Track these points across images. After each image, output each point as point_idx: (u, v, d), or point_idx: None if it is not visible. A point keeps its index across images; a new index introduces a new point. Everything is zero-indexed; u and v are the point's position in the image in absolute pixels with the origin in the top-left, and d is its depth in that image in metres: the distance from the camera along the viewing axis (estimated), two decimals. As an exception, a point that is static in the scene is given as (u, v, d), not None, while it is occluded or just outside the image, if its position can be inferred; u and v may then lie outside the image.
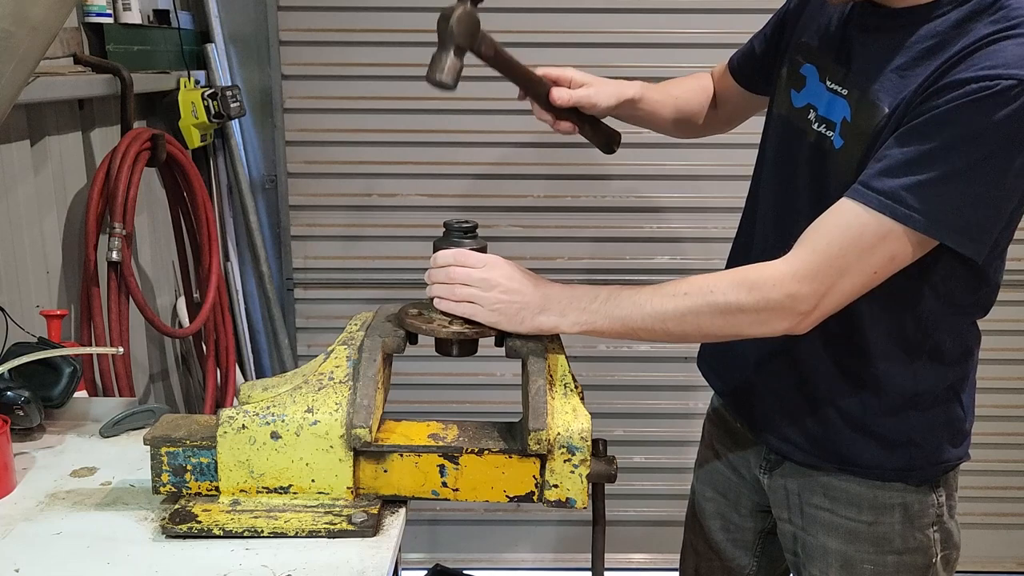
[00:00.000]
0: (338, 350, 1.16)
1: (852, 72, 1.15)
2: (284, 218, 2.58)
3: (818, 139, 1.19)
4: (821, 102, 1.20)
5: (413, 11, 2.41)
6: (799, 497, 1.32)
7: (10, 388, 1.26)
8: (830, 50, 1.21)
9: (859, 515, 1.26)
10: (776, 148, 1.31)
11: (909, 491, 1.24)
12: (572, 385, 1.15)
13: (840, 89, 1.17)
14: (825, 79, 1.20)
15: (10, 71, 1.22)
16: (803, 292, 1.06)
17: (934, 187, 1.01)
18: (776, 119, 1.32)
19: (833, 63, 1.19)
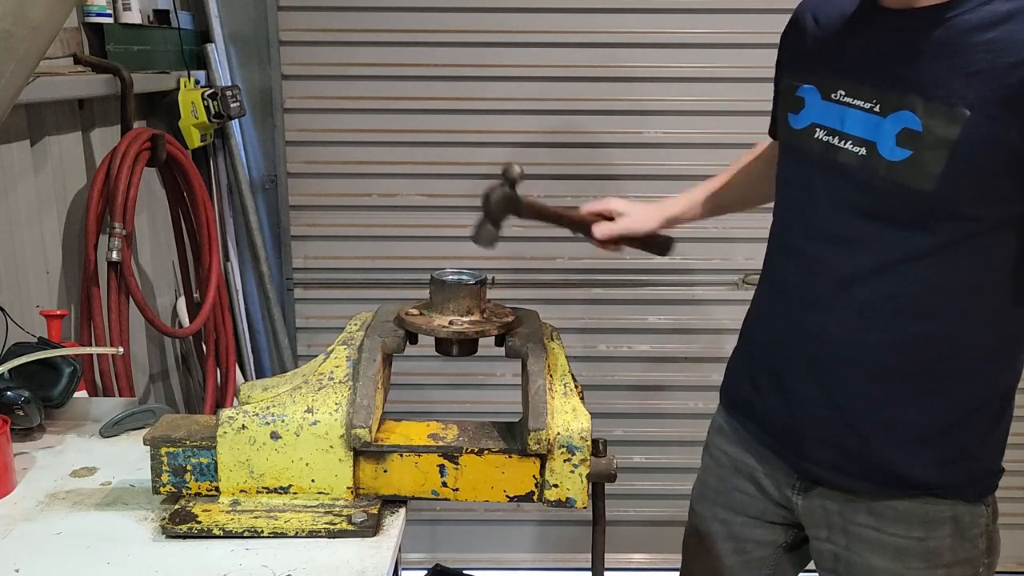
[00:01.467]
0: (338, 350, 1.16)
1: (882, 83, 1.10)
2: (284, 218, 2.58)
3: (853, 159, 1.13)
4: (832, 119, 1.16)
5: (413, 11, 2.41)
6: (841, 516, 1.25)
7: (10, 388, 1.26)
8: (831, 65, 1.17)
9: (909, 532, 1.21)
10: (788, 178, 1.27)
11: (960, 503, 1.20)
12: (572, 385, 1.15)
13: (862, 103, 1.11)
14: (830, 95, 1.16)
15: (10, 71, 1.22)
16: None
17: None
18: (783, 149, 1.28)
19: (841, 77, 1.15)
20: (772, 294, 1.32)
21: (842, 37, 1.18)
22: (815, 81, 1.19)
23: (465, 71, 2.46)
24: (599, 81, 2.46)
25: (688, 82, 2.45)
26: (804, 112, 1.20)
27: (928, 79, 1.05)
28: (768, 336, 1.31)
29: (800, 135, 1.21)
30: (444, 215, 2.57)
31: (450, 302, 1.18)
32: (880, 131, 1.09)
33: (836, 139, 1.15)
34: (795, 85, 1.23)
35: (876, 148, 1.10)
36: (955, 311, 1.12)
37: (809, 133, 1.19)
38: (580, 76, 2.46)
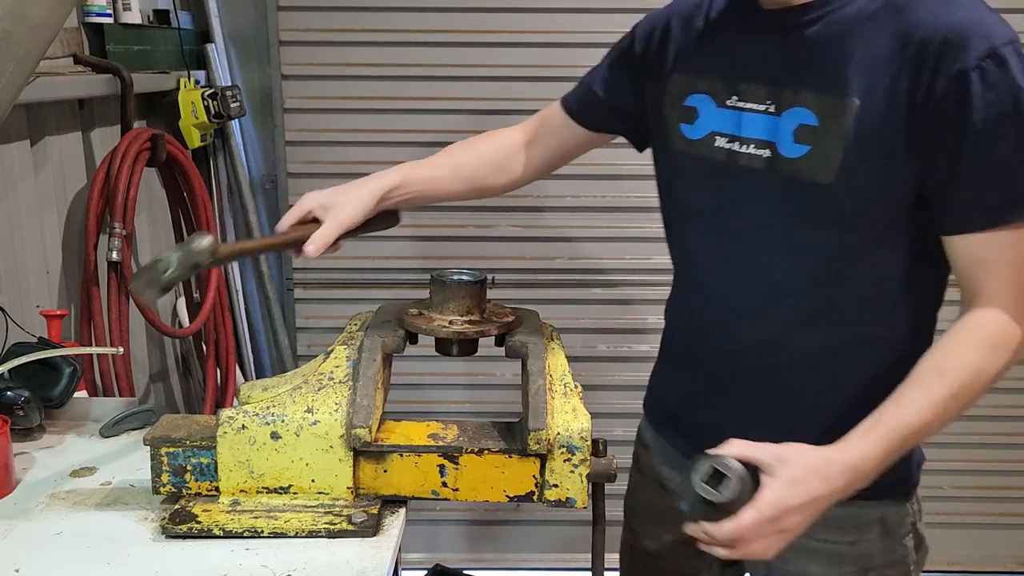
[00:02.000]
0: (338, 350, 1.16)
1: (780, 82, 1.09)
2: (284, 218, 2.58)
3: (759, 162, 1.12)
4: (730, 125, 1.14)
5: (413, 11, 2.41)
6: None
7: (10, 388, 1.26)
8: (723, 71, 1.15)
9: (841, 537, 1.20)
10: (690, 188, 1.24)
11: (886, 504, 1.19)
12: (572, 385, 1.15)
13: (756, 106, 1.11)
14: (725, 101, 1.15)
15: (10, 71, 1.22)
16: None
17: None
18: (676, 161, 1.24)
19: (733, 82, 1.13)
20: (692, 306, 1.30)
21: (727, 42, 1.16)
22: (706, 89, 1.17)
23: (465, 71, 2.46)
24: (599, 81, 2.46)
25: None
26: (699, 122, 1.19)
27: (817, 73, 1.06)
28: (694, 347, 1.29)
29: (699, 145, 1.19)
30: (444, 215, 2.56)
31: (450, 302, 1.18)
32: (778, 130, 1.09)
33: (737, 144, 1.14)
34: (683, 95, 1.20)
35: (776, 148, 1.10)
36: (880, 308, 1.13)
37: (709, 142, 1.17)
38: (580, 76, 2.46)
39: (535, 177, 1.46)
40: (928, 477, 1.22)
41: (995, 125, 0.97)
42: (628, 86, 1.31)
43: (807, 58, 1.07)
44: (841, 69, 1.04)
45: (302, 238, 1.21)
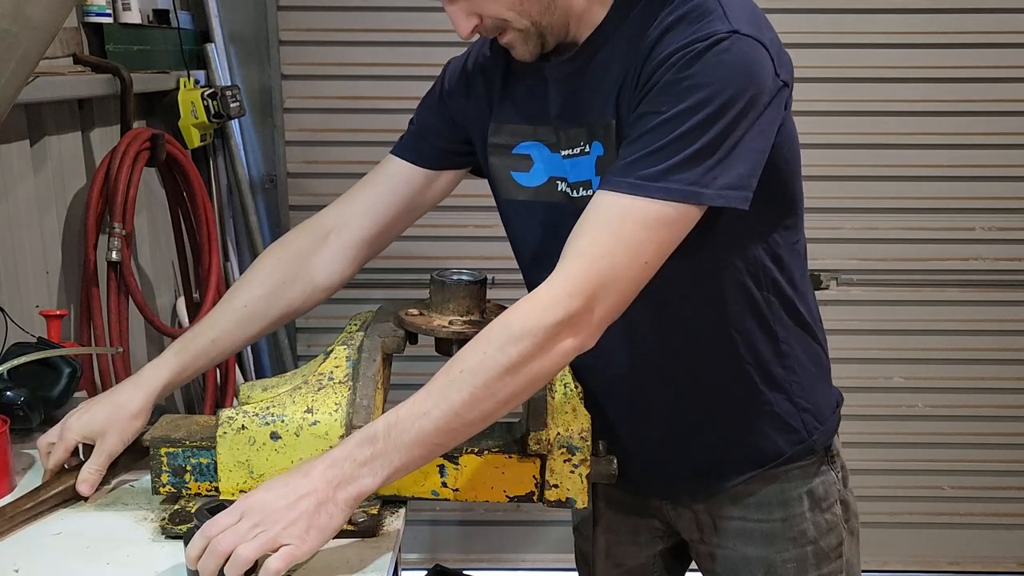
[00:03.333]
0: (338, 350, 1.16)
1: (583, 121, 1.11)
2: (284, 218, 2.58)
3: (581, 203, 1.08)
4: (566, 171, 1.14)
5: (413, 11, 2.41)
6: (708, 514, 1.27)
7: (10, 388, 1.26)
8: (546, 118, 1.15)
9: (770, 515, 1.23)
10: (529, 235, 1.24)
11: (809, 476, 1.23)
12: (572, 385, 1.15)
13: (576, 151, 1.12)
14: (559, 150, 1.14)
15: (10, 71, 1.22)
16: (577, 308, 0.96)
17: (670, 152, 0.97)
18: (514, 207, 1.24)
19: (557, 129, 1.14)
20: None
21: (538, 92, 1.15)
22: (538, 138, 1.17)
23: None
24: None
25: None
26: (536, 168, 1.18)
27: (596, 105, 1.08)
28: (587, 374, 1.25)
29: (540, 191, 1.19)
30: (444, 215, 2.56)
31: (450, 302, 1.18)
32: (590, 168, 1.11)
33: (573, 190, 1.15)
34: (510, 144, 1.19)
35: (592, 186, 1.11)
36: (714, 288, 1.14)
37: (551, 187, 1.18)
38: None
39: (356, 264, 1.35)
40: (928, 477, 1.23)
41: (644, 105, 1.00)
42: (449, 126, 1.28)
43: (589, 94, 1.10)
44: (603, 97, 1.07)
45: (68, 489, 1.11)
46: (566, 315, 0.95)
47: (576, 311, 0.96)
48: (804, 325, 1.21)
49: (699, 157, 0.96)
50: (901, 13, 2.44)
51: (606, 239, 0.97)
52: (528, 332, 0.95)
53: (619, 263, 0.97)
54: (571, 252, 0.99)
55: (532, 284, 1.23)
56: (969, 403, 2.70)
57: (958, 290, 2.62)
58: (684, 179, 0.96)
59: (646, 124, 0.99)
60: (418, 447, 0.96)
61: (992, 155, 2.53)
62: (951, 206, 2.54)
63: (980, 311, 2.65)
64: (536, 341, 0.95)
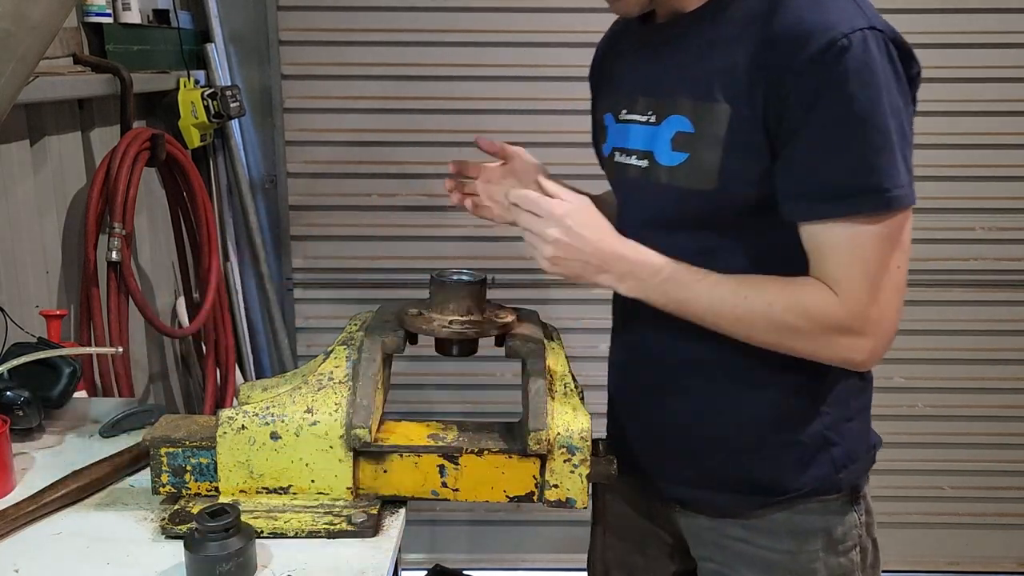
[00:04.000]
0: (338, 350, 1.16)
1: (661, 93, 1.11)
2: (284, 218, 2.58)
3: (637, 172, 1.16)
4: (621, 139, 1.19)
5: (413, 11, 2.41)
6: (715, 532, 1.23)
7: (10, 388, 1.26)
8: (618, 87, 1.20)
9: (778, 544, 1.18)
10: (619, 206, 1.26)
11: (828, 513, 1.18)
12: (572, 385, 1.15)
13: (639, 117, 1.15)
14: (619, 116, 1.18)
15: (10, 71, 1.22)
16: (855, 325, 1.02)
17: (873, 162, 0.98)
18: (607, 177, 1.30)
19: (629, 97, 1.17)
20: (616, 320, 1.35)
21: (624, 59, 1.21)
22: (610, 107, 1.22)
23: (465, 71, 2.46)
24: (599, 81, 2.46)
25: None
26: (608, 139, 1.24)
27: (694, 80, 1.08)
28: (616, 364, 1.33)
29: (607, 162, 1.24)
30: (444, 215, 2.56)
31: (450, 302, 1.17)
32: (656, 139, 1.12)
33: (624, 156, 1.18)
34: (600, 115, 1.26)
35: (654, 156, 1.12)
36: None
37: (612, 158, 1.22)
38: (580, 76, 2.45)
39: None
40: (928, 477, 1.22)
41: (818, 116, 0.98)
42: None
43: (686, 65, 1.09)
44: (714, 76, 1.05)
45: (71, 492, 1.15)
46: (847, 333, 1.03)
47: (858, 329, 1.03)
48: None
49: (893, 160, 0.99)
50: (901, 13, 2.44)
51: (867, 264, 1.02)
52: (812, 318, 1.03)
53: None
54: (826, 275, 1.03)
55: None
56: (969, 403, 2.70)
57: (958, 290, 2.62)
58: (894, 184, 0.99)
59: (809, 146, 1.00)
60: (674, 304, 1.08)
61: (992, 155, 2.53)
62: (951, 206, 2.54)
63: (980, 311, 2.65)
64: (815, 330, 1.04)
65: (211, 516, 0.96)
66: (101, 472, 1.18)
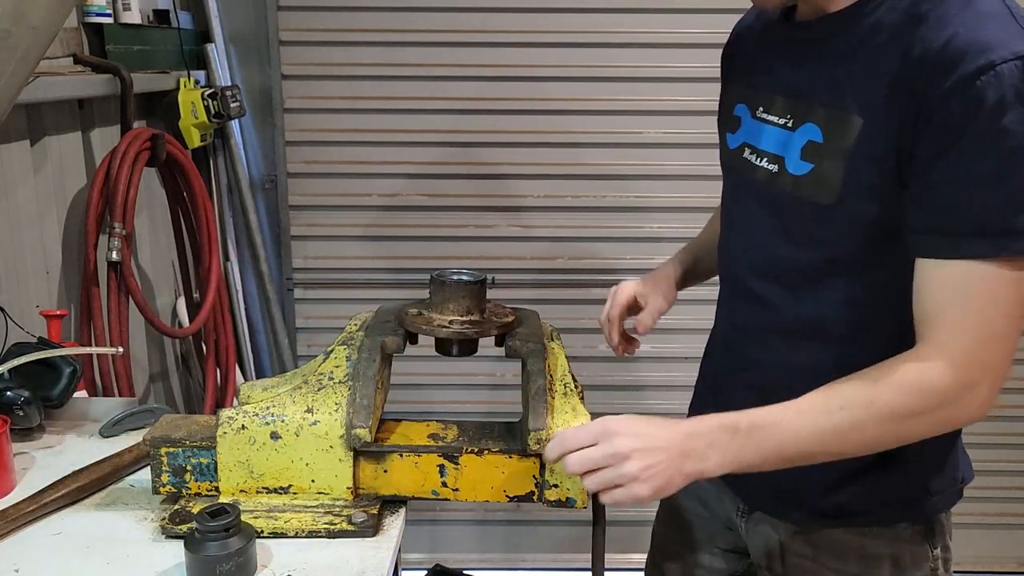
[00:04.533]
0: (338, 350, 1.16)
1: (797, 96, 1.06)
2: (284, 218, 2.58)
3: (763, 175, 1.11)
4: (754, 137, 1.13)
5: (413, 11, 2.41)
6: (780, 544, 1.20)
7: (10, 388, 1.26)
8: (765, 82, 1.13)
9: (844, 566, 1.15)
10: (727, 195, 1.24)
11: (900, 541, 1.14)
12: (572, 385, 1.15)
13: (777, 119, 1.09)
14: (755, 112, 1.13)
15: (10, 71, 1.22)
16: (970, 380, 0.93)
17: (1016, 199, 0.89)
18: (723, 167, 1.25)
19: (768, 94, 1.12)
20: (718, 316, 1.31)
21: (763, 53, 1.16)
22: (746, 99, 1.17)
23: (465, 71, 2.46)
24: (599, 81, 2.46)
25: (688, 82, 2.45)
26: (739, 131, 1.18)
27: (828, 88, 1.02)
28: (714, 363, 1.31)
29: (733, 155, 1.18)
30: (444, 215, 2.57)
31: (450, 302, 1.17)
32: (789, 145, 1.06)
33: (755, 157, 1.13)
34: (732, 104, 1.20)
35: (784, 163, 1.07)
36: (879, 330, 1.06)
37: (739, 152, 1.17)
38: (580, 76, 2.46)
39: None
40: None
41: (965, 146, 0.90)
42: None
43: (822, 72, 1.04)
44: (849, 85, 1.00)
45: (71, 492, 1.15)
46: (963, 388, 0.94)
47: (972, 383, 0.94)
48: None
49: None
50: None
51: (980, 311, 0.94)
52: (924, 392, 0.94)
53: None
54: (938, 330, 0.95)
55: (722, 255, 1.26)
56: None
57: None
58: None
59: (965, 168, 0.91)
60: (773, 455, 0.98)
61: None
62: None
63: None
64: (932, 404, 0.94)
65: (211, 516, 0.97)
66: (101, 472, 1.18)
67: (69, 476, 1.15)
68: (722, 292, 1.29)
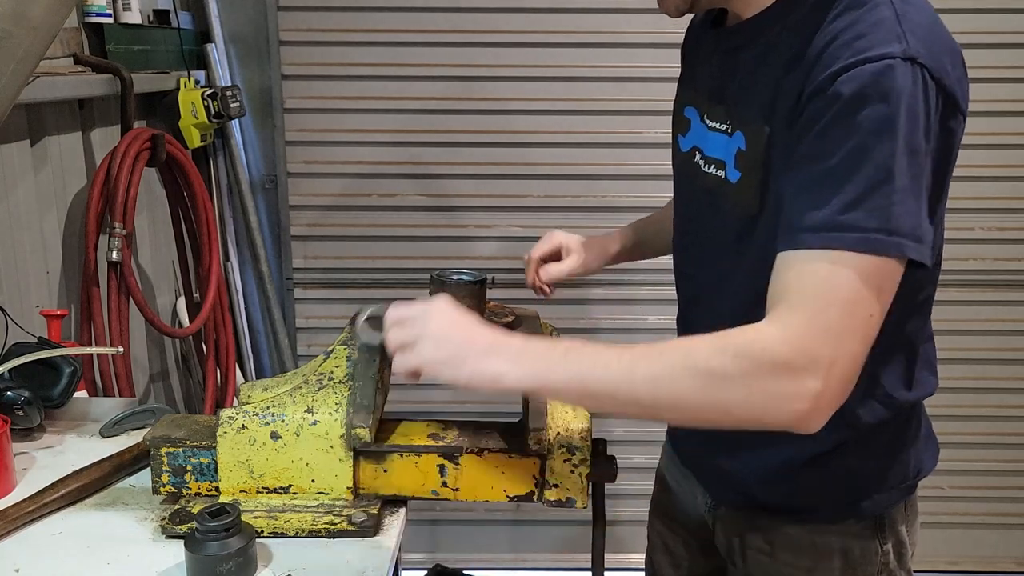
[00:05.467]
0: (338, 350, 1.16)
1: (729, 103, 1.06)
2: (284, 218, 2.58)
3: (712, 182, 1.10)
4: (705, 142, 1.13)
5: (413, 11, 2.41)
6: (741, 540, 1.21)
7: (10, 388, 1.26)
8: (706, 87, 1.13)
9: (797, 560, 1.15)
10: (679, 200, 1.25)
11: (850, 536, 1.13)
12: (572, 385, 1.15)
13: (719, 125, 1.08)
14: (704, 118, 1.13)
15: (10, 71, 1.22)
16: (799, 362, 0.86)
17: (869, 199, 0.87)
18: (674, 169, 1.26)
19: (709, 100, 1.12)
20: (677, 317, 1.30)
21: (702, 57, 1.17)
22: (694, 103, 1.16)
23: (465, 71, 2.46)
24: (599, 81, 2.46)
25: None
26: (689, 134, 1.18)
27: (745, 97, 1.03)
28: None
29: (685, 158, 1.18)
30: (444, 215, 2.57)
31: (450, 302, 1.17)
32: (728, 152, 1.06)
33: (704, 163, 1.12)
34: (682, 105, 1.20)
35: (726, 170, 1.06)
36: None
37: (691, 156, 1.16)
38: (580, 76, 2.46)
39: None
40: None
41: (817, 135, 0.89)
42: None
43: (742, 81, 1.05)
44: (759, 94, 1.00)
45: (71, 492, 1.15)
46: (787, 370, 0.86)
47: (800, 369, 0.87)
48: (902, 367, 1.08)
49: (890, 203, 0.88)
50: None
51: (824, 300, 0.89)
52: (744, 356, 0.87)
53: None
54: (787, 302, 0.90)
55: (676, 262, 1.27)
56: (969, 403, 2.70)
57: (958, 290, 2.62)
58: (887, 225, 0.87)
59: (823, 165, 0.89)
60: (577, 383, 0.92)
61: (992, 155, 2.53)
62: (951, 206, 2.51)
63: (980, 311, 2.65)
64: (747, 370, 0.87)
65: (211, 516, 0.97)
66: (101, 472, 1.18)
67: (69, 476, 1.15)
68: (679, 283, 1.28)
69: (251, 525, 1.02)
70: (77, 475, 1.15)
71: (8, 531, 1.06)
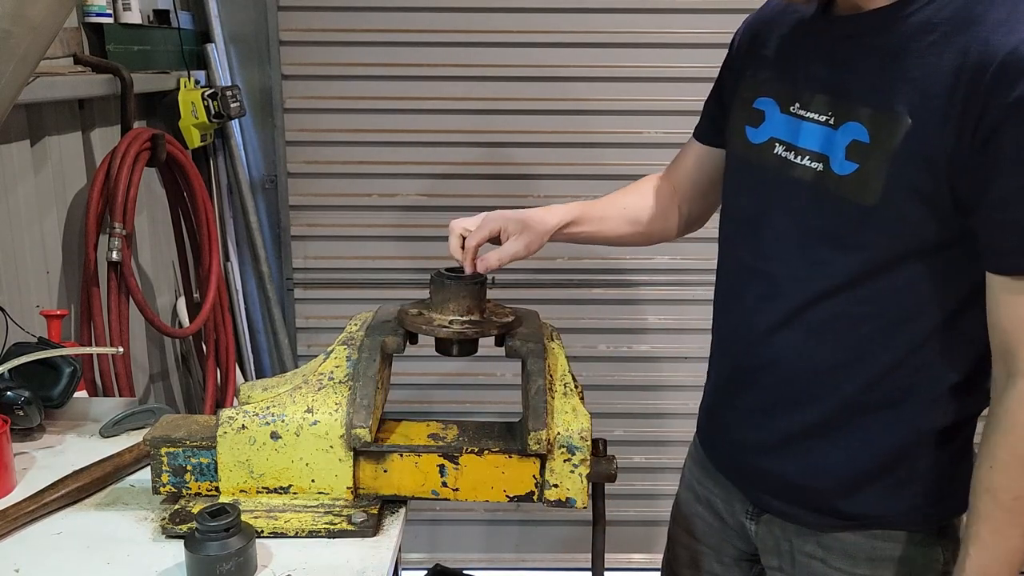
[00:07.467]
0: (338, 350, 1.16)
1: (837, 94, 1.05)
2: (284, 218, 2.58)
3: (806, 173, 1.08)
4: (795, 133, 1.10)
5: (413, 11, 2.41)
6: (790, 544, 1.20)
7: (10, 388, 1.26)
8: (790, 76, 1.12)
9: (853, 568, 1.15)
10: (740, 192, 1.22)
11: (911, 544, 1.13)
12: (572, 385, 1.15)
13: (818, 116, 1.07)
14: (789, 108, 1.11)
15: (10, 71, 1.22)
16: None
17: None
18: (732, 162, 1.23)
19: (799, 88, 1.10)
20: (727, 314, 1.28)
21: (798, 48, 1.14)
22: (774, 94, 1.15)
23: (465, 71, 2.46)
24: (599, 81, 2.46)
25: (689, 82, 2.45)
26: (764, 126, 1.16)
27: (874, 87, 1.01)
28: (722, 360, 1.29)
29: (759, 149, 1.16)
30: (444, 215, 2.55)
31: (450, 302, 1.18)
32: (832, 144, 1.05)
33: (792, 154, 1.10)
34: (752, 97, 1.18)
35: (829, 163, 1.05)
36: (906, 335, 1.06)
37: (768, 148, 1.14)
38: (580, 76, 2.46)
39: (688, 227, 1.46)
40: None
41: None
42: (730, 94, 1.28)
43: (867, 70, 1.02)
44: (898, 85, 0.98)
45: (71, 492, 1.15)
46: None
47: None
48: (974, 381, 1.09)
49: None
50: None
51: None
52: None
53: None
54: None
55: (726, 243, 1.25)
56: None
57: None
58: None
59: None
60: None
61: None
62: None
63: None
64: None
65: (211, 516, 0.97)
66: (101, 472, 1.18)
67: (69, 476, 1.15)
68: (725, 287, 1.28)
69: (251, 525, 1.02)
70: (77, 475, 1.15)
71: (8, 531, 1.06)
